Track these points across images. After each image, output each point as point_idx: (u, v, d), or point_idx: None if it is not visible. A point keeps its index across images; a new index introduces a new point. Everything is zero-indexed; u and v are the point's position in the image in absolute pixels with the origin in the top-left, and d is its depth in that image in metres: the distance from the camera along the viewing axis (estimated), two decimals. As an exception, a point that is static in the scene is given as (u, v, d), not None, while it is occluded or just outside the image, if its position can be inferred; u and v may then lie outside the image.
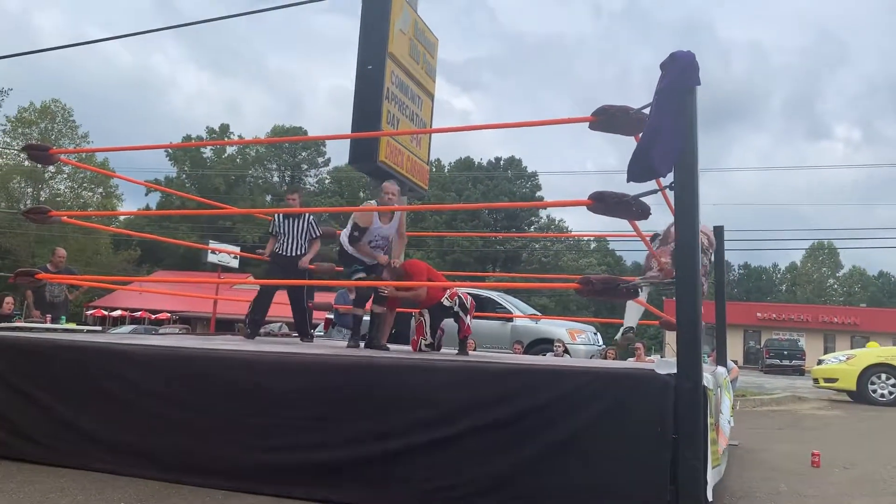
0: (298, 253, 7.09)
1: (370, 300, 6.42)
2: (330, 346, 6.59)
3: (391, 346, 6.21)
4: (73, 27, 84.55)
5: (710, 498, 3.39)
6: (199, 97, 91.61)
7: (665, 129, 3.48)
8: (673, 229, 5.71)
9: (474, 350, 11.12)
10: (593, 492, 3.39)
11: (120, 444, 4.22)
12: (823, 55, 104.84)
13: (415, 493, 3.65)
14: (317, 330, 9.58)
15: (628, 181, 3.67)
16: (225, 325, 21.18)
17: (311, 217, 7.36)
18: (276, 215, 7.53)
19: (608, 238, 50.82)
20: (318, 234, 7.32)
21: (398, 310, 10.35)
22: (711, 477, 3.47)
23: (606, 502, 3.36)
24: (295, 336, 7.87)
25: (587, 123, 3.92)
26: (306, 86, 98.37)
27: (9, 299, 10.07)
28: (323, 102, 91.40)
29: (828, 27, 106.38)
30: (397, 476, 3.71)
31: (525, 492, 3.49)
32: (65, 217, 6.78)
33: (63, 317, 9.11)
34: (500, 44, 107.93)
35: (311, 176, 59.35)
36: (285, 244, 7.10)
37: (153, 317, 39.15)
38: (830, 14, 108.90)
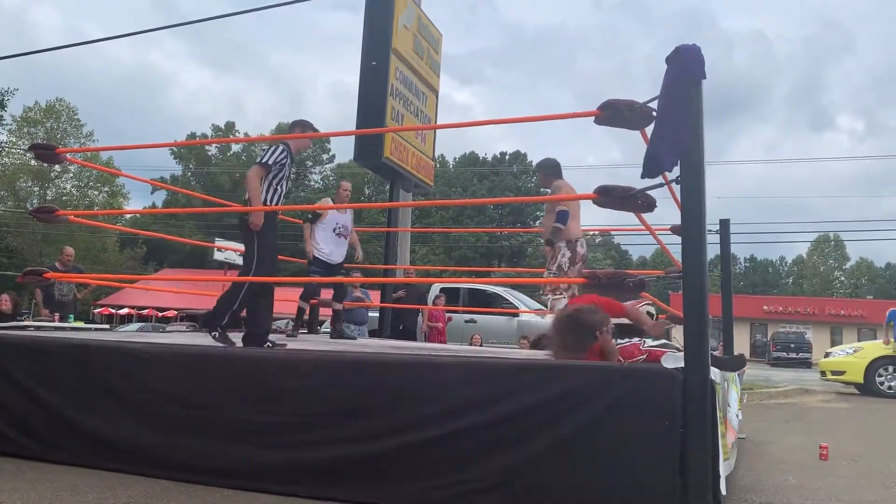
0: None
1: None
2: (335, 343, 6.61)
3: (400, 342, 6.26)
4: (71, 24, 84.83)
5: (723, 491, 3.38)
6: (202, 94, 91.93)
7: (670, 124, 3.47)
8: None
9: (480, 345, 11.14)
10: (601, 487, 3.39)
11: (127, 442, 4.23)
12: (827, 45, 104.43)
13: (421, 490, 3.65)
14: (323, 326, 9.60)
15: (643, 177, 3.66)
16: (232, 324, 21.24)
17: None
18: None
19: (612, 232, 50.70)
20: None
21: (403, 306, 10.41)
22: (723, 470, 3.47)
23: (615, 497, 3.35)
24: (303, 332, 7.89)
25: (591, 117, 3.92)
26: (307, 81, 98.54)
27: (5, 296, 10.06)
28: (323, 97, 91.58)
29: (831, 16, 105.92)
30: (403, 473, 3.71)
31: (533, 487, 3.48)
32: (71, 216, 6.79)
33: (71, 315, 9.14)
34: (501, 36, 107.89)
35: (315, 173, 59.37)
36: None
37: (160, 315, 39.28)
38: (833, 3, 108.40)
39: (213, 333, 5.01)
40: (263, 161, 5.16)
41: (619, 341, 4.29)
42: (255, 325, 5.18)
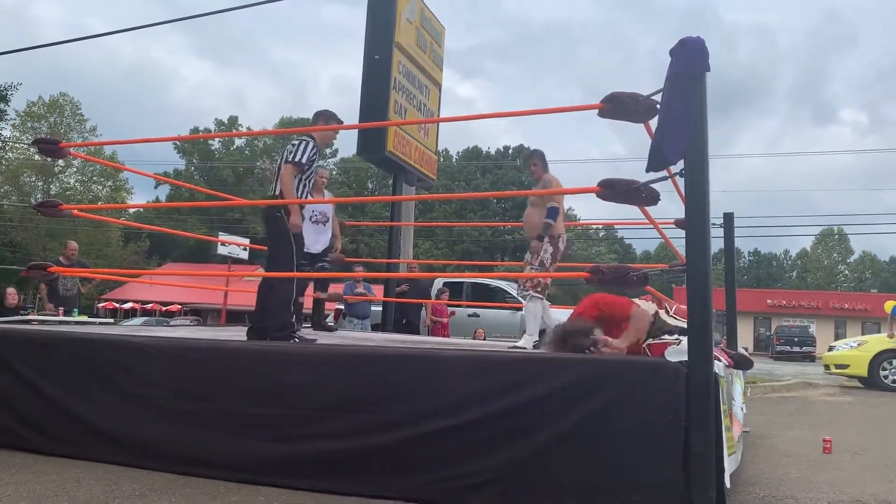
0: None
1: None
2: (337, 336, 6.62)
3: (403, 336, 6.26)
4: (73, 18, 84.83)
5: (728, 485, 3.38)
6: (205, 89, 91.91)
7: (675, 117, 3.46)
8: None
9: (484, 339, 11.15)
10: (605, 480, 3.39)
11: (131, 436, 4.24)
12: (830, 37, 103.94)
13: (423, 484, 3.66)
14: (328, 320, 9.60)
15: (647, 171, 3.65)
16: (235, 317, 21.29)
17: None
18: None
19: (616, 226, 50.66)
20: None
21: (407, 301, 10.41)
22: (728, 464, 3.46)
23: (618, 490, 3.36)
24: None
25: (594, 110, 3.90)
26: (309, 76, 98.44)
27: (11, 290, 10.08)
28: (326, 92, 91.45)
29: (834, 8, 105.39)
30: (405, 466, 3.72)
31: (535, 480, 3.49)
32: (75, 210, 6.80)
33: (75, 309, 9.17)
34: (503, 30, 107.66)
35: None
36: None
37: (164, 309, 39.39)
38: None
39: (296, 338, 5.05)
40: (297, 160, 5.02)
41: (666, 338, 4.21)
42: (261, 319, 5.17)
